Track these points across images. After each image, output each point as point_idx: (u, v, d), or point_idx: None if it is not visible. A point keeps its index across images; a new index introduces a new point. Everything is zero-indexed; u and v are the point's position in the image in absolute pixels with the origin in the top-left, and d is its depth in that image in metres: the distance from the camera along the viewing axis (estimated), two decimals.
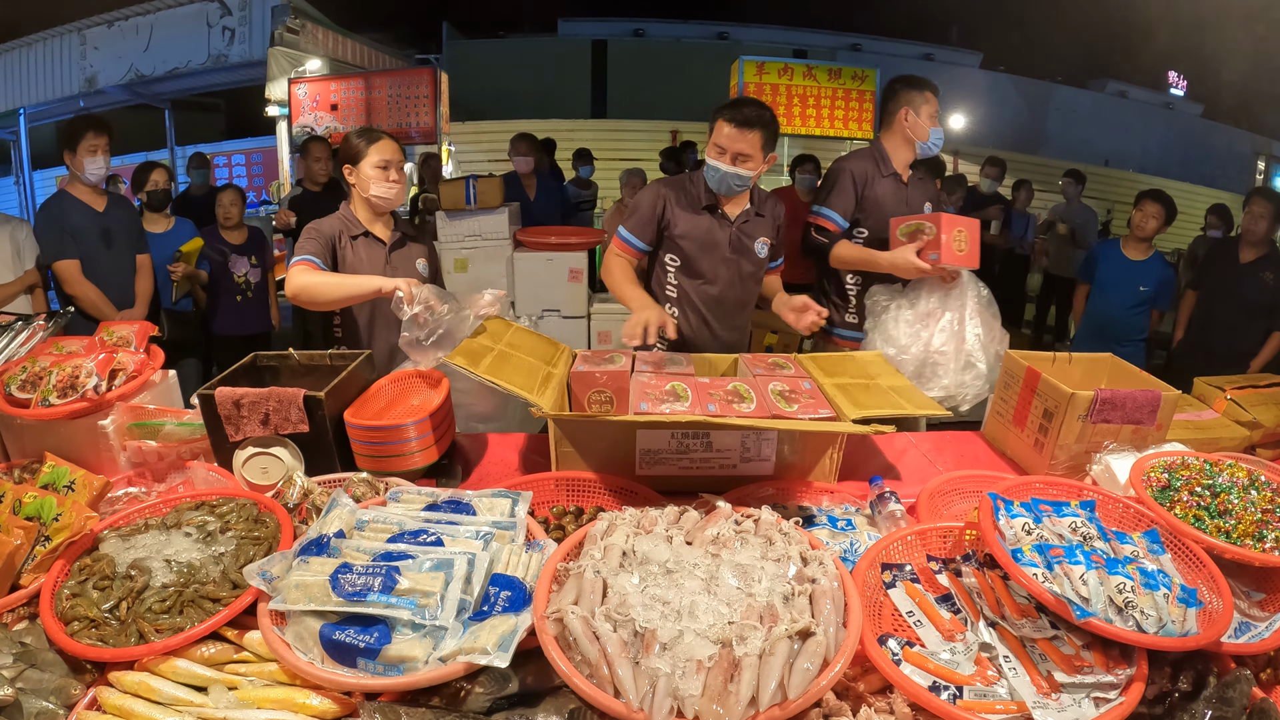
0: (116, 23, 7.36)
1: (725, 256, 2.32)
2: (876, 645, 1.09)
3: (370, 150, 2.16)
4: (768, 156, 2.21)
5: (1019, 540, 1.19)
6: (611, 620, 1.03)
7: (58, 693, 1.05)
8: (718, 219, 2.30)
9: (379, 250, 2.23)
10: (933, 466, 1.85)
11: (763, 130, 2.15)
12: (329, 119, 6.72)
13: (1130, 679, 1.04)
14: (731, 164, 2.17)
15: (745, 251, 2.34)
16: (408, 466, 1.60)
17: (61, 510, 1.25)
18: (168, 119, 9.40)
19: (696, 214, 2.30)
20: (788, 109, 6.63)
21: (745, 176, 2.19)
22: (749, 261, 2.35)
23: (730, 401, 1.58)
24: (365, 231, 2.21)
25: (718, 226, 2.31)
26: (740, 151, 2.16)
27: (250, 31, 7.01)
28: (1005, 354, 1.95)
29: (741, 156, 2.16)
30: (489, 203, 4.32)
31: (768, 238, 2.37)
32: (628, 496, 1.58)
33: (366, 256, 2.20)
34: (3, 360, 1.76)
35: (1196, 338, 3.76)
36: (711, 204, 2.30)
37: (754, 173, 2.20)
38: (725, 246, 2.32)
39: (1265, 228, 3.52)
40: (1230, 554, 1.23)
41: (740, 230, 2.32)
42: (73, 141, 3.03)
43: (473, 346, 1.72)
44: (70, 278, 3.09)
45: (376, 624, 1.05)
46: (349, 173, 2.20)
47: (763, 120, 2.15)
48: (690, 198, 2.31)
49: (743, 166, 2.17)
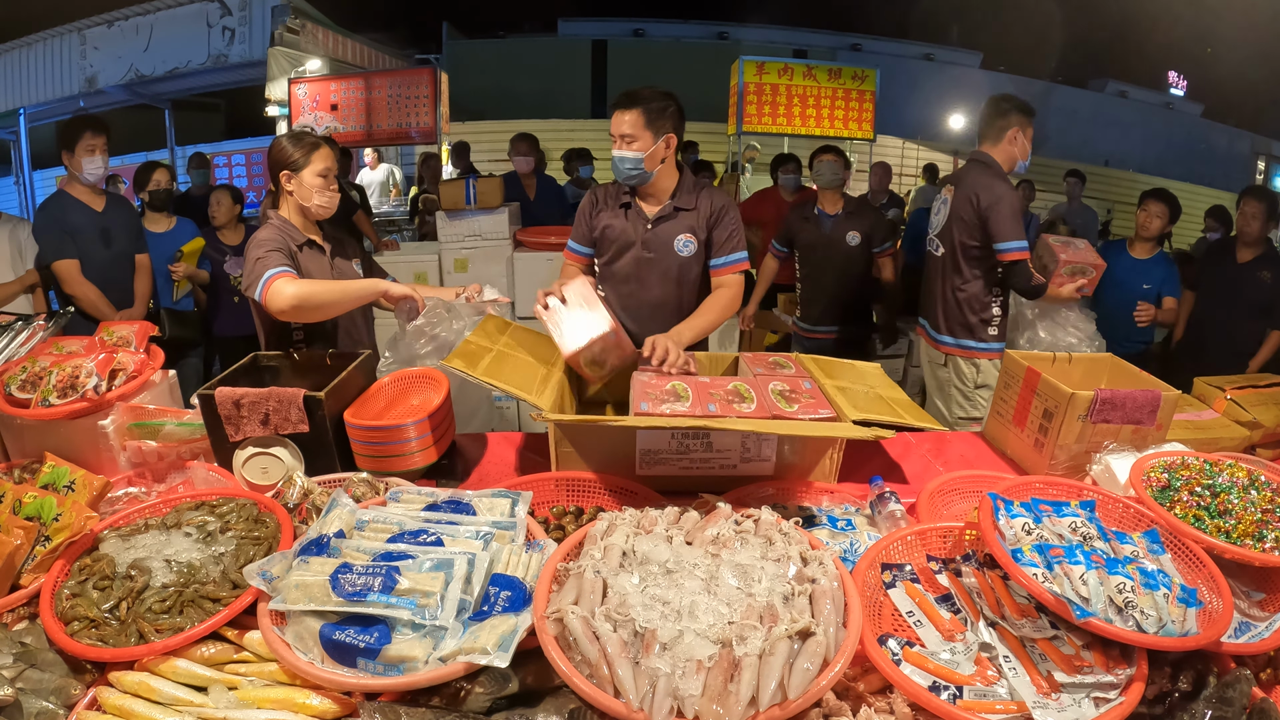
0: (116, 23, 7.37)
1: (640, 255, 2.25)
2: (876, 645, 1.09)
3: (313, 158, 2.05)
4: (663, 138, 2.13)
5: (1019, 540, 1.19)
6: (611, 620, 1.03)
7: (58, 693, 1.05)
8: (633, 216, 2.25)
9: (322, 258, 2.13)
10: (933, 466, 1.85)
11: (642, 107, 2.08)
12: (329, 119, 6.71)
13: (1130, 679, 1.04)
14: (619, 148, 2.12)
15: (662, 249, 2.24)
16: (408, 466, 1.60)
17: (61, 510, 1.25)
18: (168, 119, 9.39)
19: (615, 212, 2.27)
20: (788, 109, 6.63)
21: (632, 158, 2.12)
22: (669, 260, 2.24)
23: (731, 401, 1.58)
24: (308, 240, 2.10)
25: (633, 223, 2.25)
26: (622, 133, 2.10)
27: (250, 31, 7.02)
28: (1005, 354, 1.96)
29: (625, 138, 2.10)
30: (489, 203, 4.31)
31: (693, 234, 2.23)
32: (628, 496, 1.58)
33: (315, 267, 2.08)
34: (3, 360, 1.76)
35: (1195, 338, 3.76)
36: (627, 201, 2.26)
37: (642, 154, 2.11)
38: (639, 244, 2.25)
39: (1259, 227, 3.51)
40: (1230, 554, 1.23)
41: (656, 226, 2.23)
42: (71, 141, 3.03)
43: (469, 348, 1.72)
44: (70, 277, 3.09)
45: (376, 624, 1.05)
46: (286, 179, 2.06)
47: (641, 98, 2.10)
48: (613, 196, 2.28)
49: (628, 148, 2.11)
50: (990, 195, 2.66)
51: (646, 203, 2.25)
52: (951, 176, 2.97)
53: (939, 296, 2.90)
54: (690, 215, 2.24)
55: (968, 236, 2.74)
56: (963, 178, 2.82)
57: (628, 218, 2.26)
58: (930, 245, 2.96)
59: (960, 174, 2.89)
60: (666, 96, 2.15)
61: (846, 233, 3.81)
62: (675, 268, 2.25)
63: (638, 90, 2.14)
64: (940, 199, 2.93)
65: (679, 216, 2.23)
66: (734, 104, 6.76)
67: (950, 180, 2.94)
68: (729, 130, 7.16)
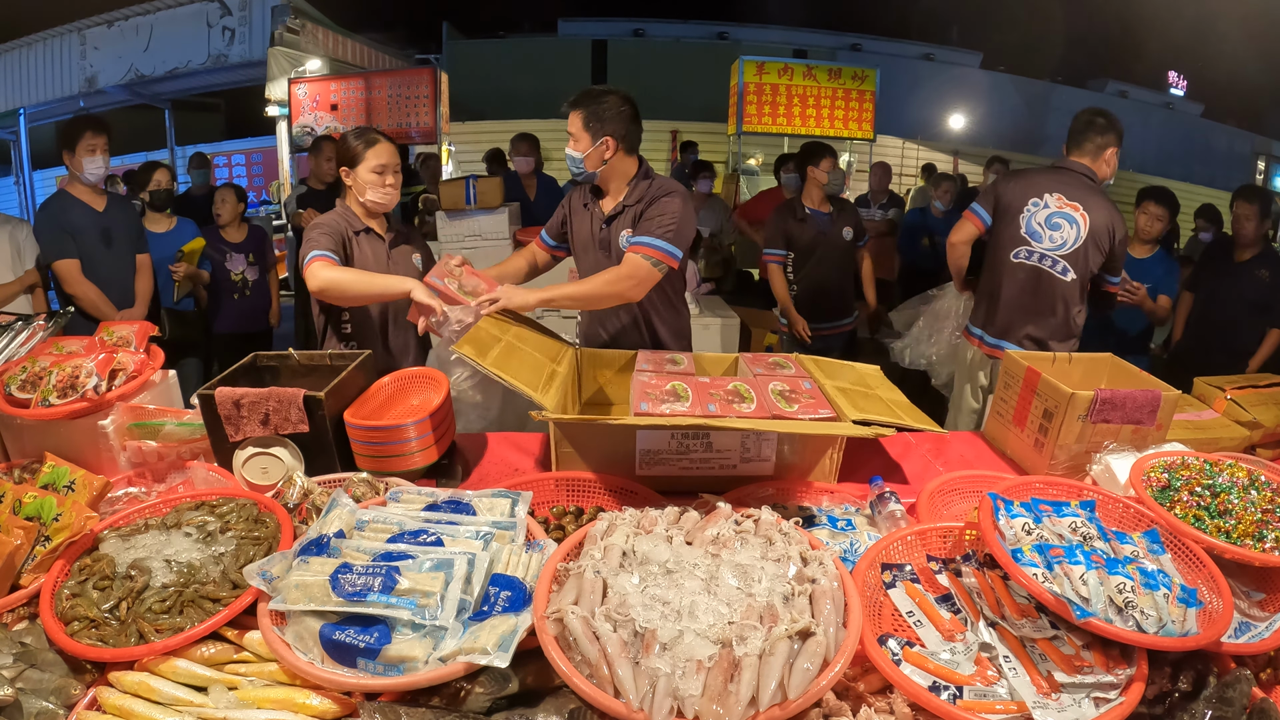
0: (116, 23, 7.36)
1: (596, 254, 2.28)
2: (876, 645, 1.09)
3: (367, 154, 2.16)
4: (602, 140, 2.14)
5: (1019, 540, 1.19)
6: (611, 620, 1.03)
7: (58, 693, 1.05)
8: (593, 216, 2.29)
9: (381, 246, 2.25)
10: (933, 466, 1.85)
11: (582, 109, 2.14)
12: (329, 119, 6.71)
13: (1130, 679, 1.04)
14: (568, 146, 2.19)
15: (613, 247, 2.23)
16: (408, 466, 1.60)
17: (61, 510, 1.25)
18: (168, 119, 9.40)
19: (581, 211, 2.32)
20: (788, 109, 6.62)
21: (574, 158, 2.17)
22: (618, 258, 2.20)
23: (731, 401, 1.58)
24: (367, 228, 2.22)
25: (591, 222, 2.29)
26: (569, 130, 2.17)
27: (250, 31, 7.01)
28: (1005, 354, 1.96)
29: (571, 137, 2.17)
30: (489, 203, 4.31)
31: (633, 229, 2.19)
32: (628, 496, 1.58)
33: (371, 252, 2.21)
34: (3, 360, 1.76)
35: (1195, 338, 3.76)
36: (588, 201, 2.29)
37: (581, 154, 2.15)
38: (596, 244, 2.28)
39: (1253, 228, 3.51)
40: (1230, 554, 1.23)
41: (609, 225, 2.24)
42: (71, 141, 3.03)
43: (480, 335, 1.72)
44: (70, 277, 3.09)
45: (376, 624, 1.05)
46: (345, 175, 2.21)
47: (583, 99, 2.15)
48: (585, 195, 2.32)
49: (571, 148, 2.17)
50: (1123, 229, 2.65)
51: (602, 202, 2.29)
52: (1058, 185, 2.67)
53: (1059, 318, 2.68)
54: (635, 210, 2.21)
55: (1095, 265, 2.65)
56: (1088, 201, 2.61)
57: (590, 217, 2.30)
58: (1043, 261, 2.67)
59: (1078, 193, 2.63)
60: (612, 97, 2.17)
61: (842, 229, 3.83)
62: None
63: (587, 90, 2.19)
64: (1050, 208, 2.66)
65: (625, 213, 2.22)
66: (734, 104, 6.76)
67: (1052, 187, 2.67)
68: (729, 130, 7.16)
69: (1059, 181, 2.68)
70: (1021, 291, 2.70)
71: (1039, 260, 2.67)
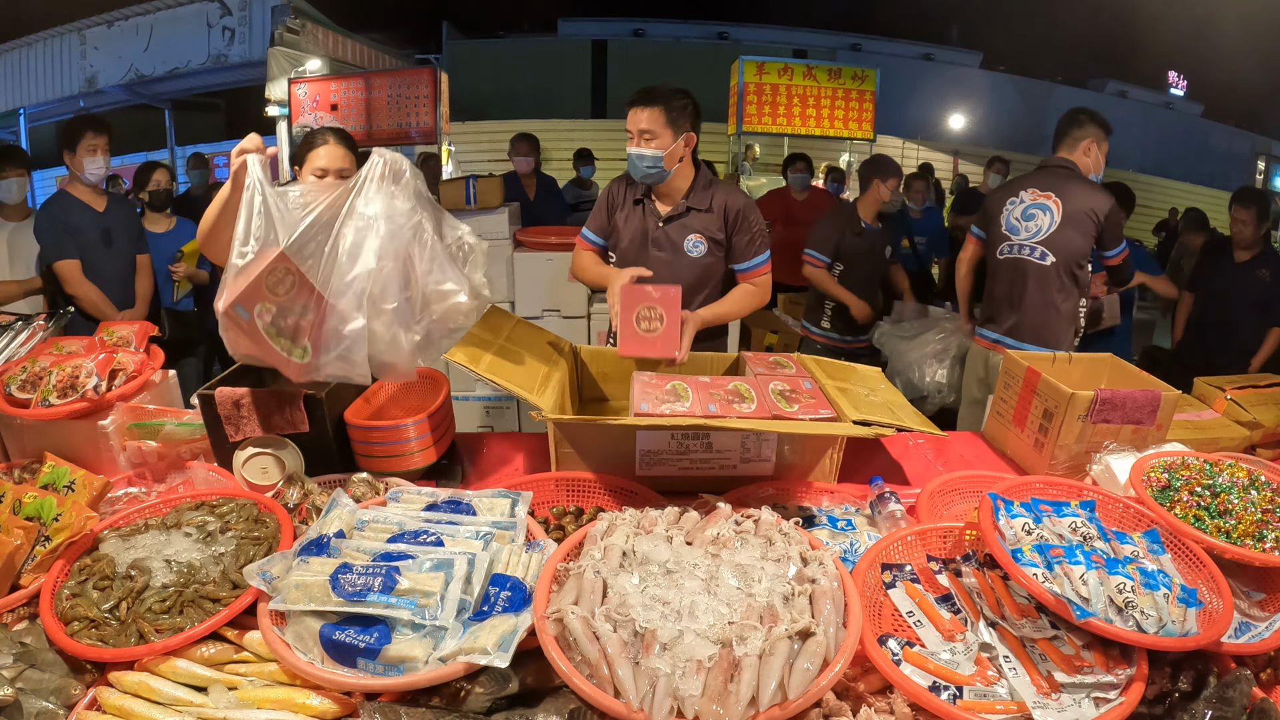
0: (116, 23, 7.36)
1: (652, 254, 2.21)
2: (876, 645, 1.09)
3: (309, 156, 1.95)
4: (682, 136, 2.12)
5: (1019, 540, 1.19)
6: (611, 620, 1.03)
7: (58, 693, 1.05)
8: (647, 213, 2.23)
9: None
10: (933, 466, 1.85)
11: (663, 105, 2.07)
12: (329, 119, 6.69)
13: (1130, 679, 1.04)
14: (637, 145, 2.10)
15: (673, 248, 2.20)
16: (408, 466, 1.60)
17: (61, 510, 1.25)
18: (168, 119, 9.40)
19: (631, 208, 2.26)
20: (788, 109, 6.61)
21: (651, 156, 2.09)
22: (678, 260, 2.20)
23: (731, 401, 1.58)
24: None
25: (646, 221, 2.23)
26: (641, 129, 2.08)
27: (250, 31, 7.01)
28: (1005, 354, 1.96)
29: (645, 134, 2.08)
30: (489, 203, 4.31)
31: (704, 236, 2.19)
32: (628, 497, 1.58)
33: None
34: (3, 360, 1.77)
35: (1195, 338, 3.76)
36: (641, 198, 2.24)
37: (662, 151, 2.09)
38: (650, 243, 2.22)
39: (1251, 231, 3.52)
40: (1230, 554, 1.23)
41: (668, 225, 2.21)
42: (72, 141, 3.03)
43: (473, 341, 1.72)
44: (70, 278, 3.08)
45: (376, 624, 1.05)
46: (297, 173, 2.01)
47: (661, 95, 2.09)
48: (633, 192, 2.27)
49: (647, 146, 2.08)
50: (1108, 207, 2.69)
51: (660, 200, 2.24)
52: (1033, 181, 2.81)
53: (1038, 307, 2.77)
54: (704, 216, 2.20)
55: (1079, 249, 2.71)
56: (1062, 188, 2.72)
57: (642, 214, 2.24)
58: (1021, 251, 2.79)
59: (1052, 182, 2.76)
60: (685, 94, 2.15)
61: (885, 246, 3.85)
62: (685, 268, 2.22)
63: (657, 87, 2.12)
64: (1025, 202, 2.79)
65: (691, 216, 2.20)
66: (734, 104, 6.75)
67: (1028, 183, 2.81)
68: (729, 130, 7.16)
69: (1035, 178, 2.84)
70: (1009, 284, 2.86)
71: (1019, 251, 2.83)
